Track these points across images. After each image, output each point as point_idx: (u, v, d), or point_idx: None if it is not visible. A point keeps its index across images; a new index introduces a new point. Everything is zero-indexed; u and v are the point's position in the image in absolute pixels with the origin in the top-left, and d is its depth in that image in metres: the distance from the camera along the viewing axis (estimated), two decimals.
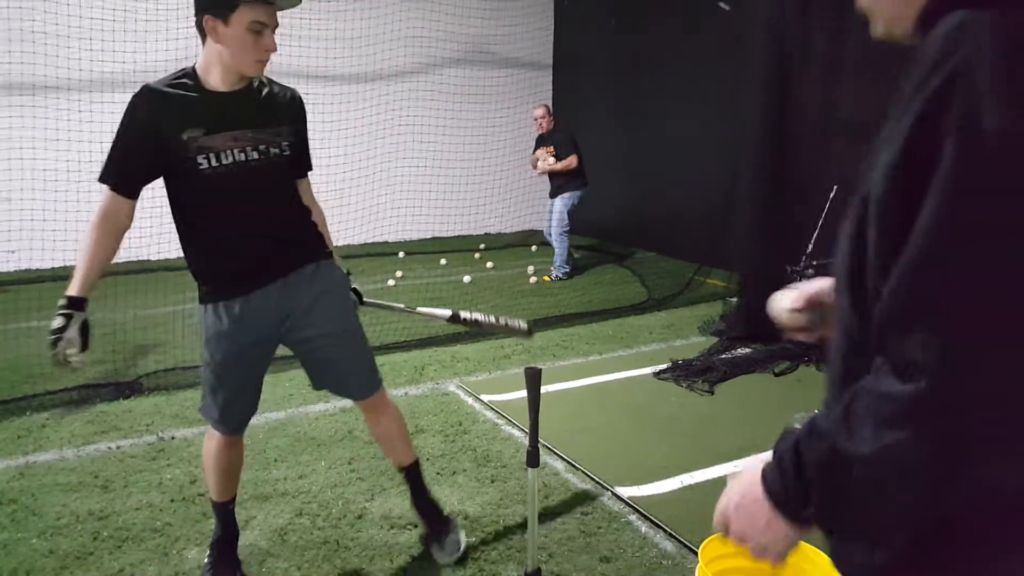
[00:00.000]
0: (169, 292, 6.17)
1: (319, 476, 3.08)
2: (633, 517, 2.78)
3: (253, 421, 2.43)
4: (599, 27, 8.72)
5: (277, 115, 2.13)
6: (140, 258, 7.43)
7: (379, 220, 8.06)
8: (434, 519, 2.53)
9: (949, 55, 0.72)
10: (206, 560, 2.40)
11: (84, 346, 2.04)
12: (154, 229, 7.10)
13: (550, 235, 7.10)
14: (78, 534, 2.64)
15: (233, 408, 2.27)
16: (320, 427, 3.56)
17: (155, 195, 2.24)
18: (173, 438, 3.45)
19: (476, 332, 2.10)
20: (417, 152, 8.32)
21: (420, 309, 2.64)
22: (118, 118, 2.04)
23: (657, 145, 8.00)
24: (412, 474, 2.54)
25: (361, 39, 7.99)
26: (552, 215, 6.91)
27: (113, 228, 2.09)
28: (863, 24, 0.97)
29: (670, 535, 2.65)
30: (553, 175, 6.84)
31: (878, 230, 0.80)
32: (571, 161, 6.67)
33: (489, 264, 7.64)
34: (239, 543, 2.48)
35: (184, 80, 2.02)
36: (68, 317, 2.02)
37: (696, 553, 2.36)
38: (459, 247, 8.46)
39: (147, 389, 4.03)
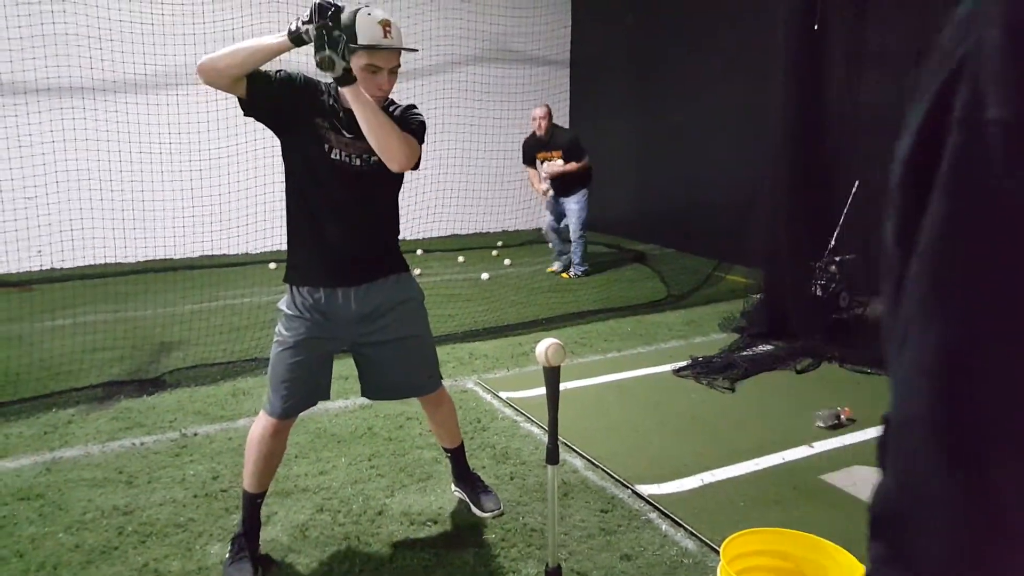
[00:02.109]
0: (192, 290, 6.24)
1: (339, 472, 3.10)
2: (653, 515, 2.77)
3: None
4: (616, 23, 8.68)
5: None
6: (164, 256, 7.53)
7: None
8: (477, 484, 2.86)
9: (961, 41, 0.68)
10: (228, 555, 2.43)
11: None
12: (179, 228, 7.24)
13: (552, 234, 6.92)
14: (103, 529, 2.67)
15: (286, 390, 2.36)
16: (340, 424, 3.58)
17: (181, 195, 2.28)
18: (196, 434, 3.49)
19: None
20: (436, 150, 8.33)
21: None
22: (145, 119, 2.11)
23: (676, 141, 7.96)
24: (457, 453, 2.86)
25: None
26: (569, 216, 6.71)
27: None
28: (883, 17, 0.95)
29: (691, 533, 2.63)
30: (562, 176, 6.59)
31: (896, 218, 0.73)
32: (586, 164, 6.56)
33: (507, 261, 7.64)
34: (260, 538, 2.51)
35: (332, 89, 2.28)
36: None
37: (718, 551, 2.34)
38: (477, 244, 8.47)
39: (170, 386, 4.08)
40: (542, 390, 2.03)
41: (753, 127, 5.57)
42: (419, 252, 8.10)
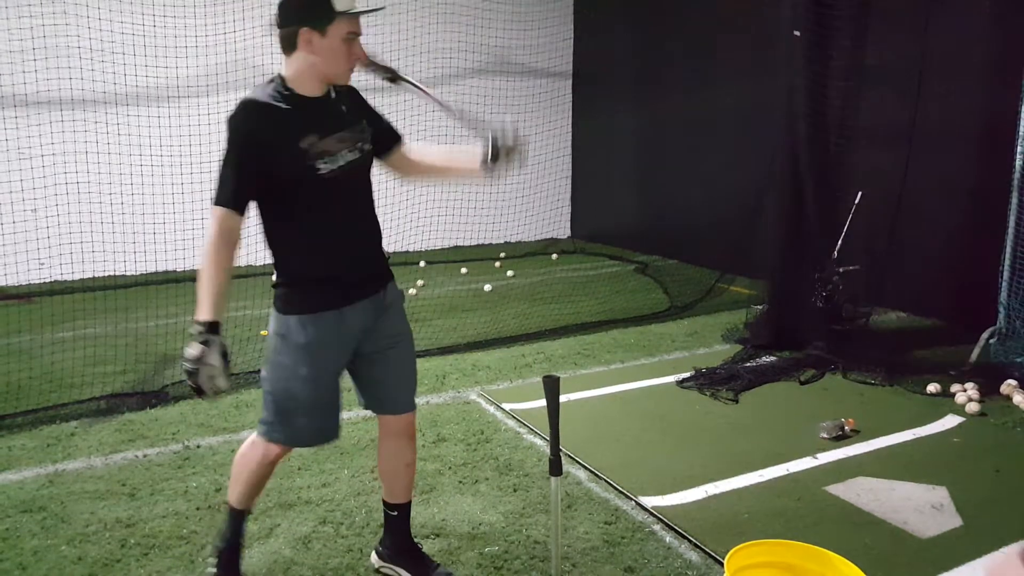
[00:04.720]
0: (194, 302, 6.22)
1: (342, 484, 3.09)
2: (657, 527, 2.76)
3: None
4: (619, 36, 8.73)
5: (356, 112, 2.18)
6: (166, 268, 7.54)
7: (400, 229, 8.11)
8: (426, 561, 2.47)
9: None
10: (210, 570, 2.39)
11: (227, 371, 1.95)
12: (181, 240, 7.25)
13: None
14: (106, 541, 2.67)
15: (314, 424, 2.20)
16: (343, 435, 3.57)
17: (184, 207, 2.27)
18: (198, 446, 3.48)
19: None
20: None
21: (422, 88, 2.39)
22: (147, 131, 2.08)
23: (679, 153, 7.97)
24: (404, 512, 2.47)
25: (383, 51, 8.07)
26: None
27: (231, 245, 2.03)
28: (885, 32, 0.95)
29: (695, 545, 2.62)
30: None
31: None
32: None
33: (509, 273, 7.64)
34: (263, 550, 2.52)
35: (280, 90, 2.03)
36: (206, 343, 1.92)
37: (722, 563, 2.34)
38: (479, 256, 8.48)
39: (173, 398, 4.08)
40: (545, 401, 2.02)
41: (756, 138, 5.58)
42: (422, 264, 8.11)
